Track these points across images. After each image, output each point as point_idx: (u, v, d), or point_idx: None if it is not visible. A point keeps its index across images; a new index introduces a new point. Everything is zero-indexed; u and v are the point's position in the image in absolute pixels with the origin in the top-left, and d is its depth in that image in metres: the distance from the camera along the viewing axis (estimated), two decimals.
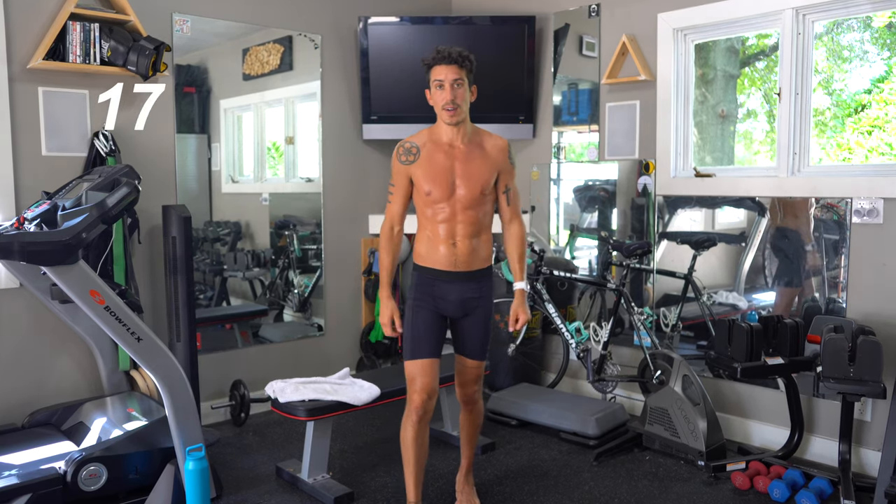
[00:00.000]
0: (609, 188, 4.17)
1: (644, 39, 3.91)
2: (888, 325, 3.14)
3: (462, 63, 2.54)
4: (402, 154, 2.63)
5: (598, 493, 3.07)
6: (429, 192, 2.58)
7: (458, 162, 2.60)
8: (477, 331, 2.72)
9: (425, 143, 2.63)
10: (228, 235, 4.05)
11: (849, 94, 3.46)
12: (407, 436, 2.65)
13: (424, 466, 2.73)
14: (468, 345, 2.73)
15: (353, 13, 4.39)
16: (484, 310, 2.71)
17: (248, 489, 3.12)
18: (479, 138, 2.67)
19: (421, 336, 2.64)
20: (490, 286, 2.73)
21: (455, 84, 2.53)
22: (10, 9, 3.17)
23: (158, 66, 3.41)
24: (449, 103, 2.53)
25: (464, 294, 2.65)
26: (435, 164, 2.59)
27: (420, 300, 2.66)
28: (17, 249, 2.29)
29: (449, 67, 2.53)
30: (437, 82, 2.55)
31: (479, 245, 2.65)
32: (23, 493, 2.55)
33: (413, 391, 2.63)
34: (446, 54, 2.54)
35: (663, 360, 3.56)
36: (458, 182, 2.59)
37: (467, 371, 2.77)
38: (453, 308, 2.66)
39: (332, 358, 4.39)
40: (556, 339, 4.41)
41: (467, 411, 2.86)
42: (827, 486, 2.96)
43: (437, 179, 2.58)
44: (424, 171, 2.59)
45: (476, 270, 2.66)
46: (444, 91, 2.54)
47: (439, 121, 2.62)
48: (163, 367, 2.63)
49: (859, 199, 3.19)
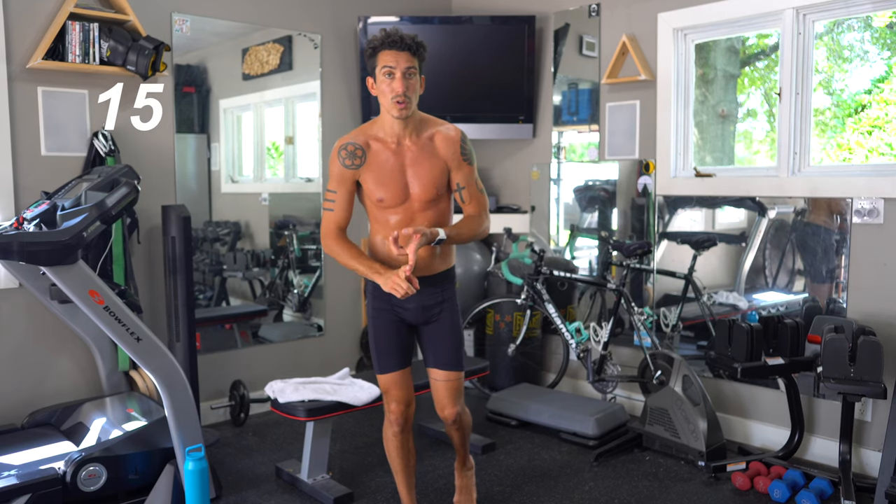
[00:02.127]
0: (609, 188, 4.17)
1: (644, 39, 3.91)
2: (889, 326, 3.14)
3: (416, 50, 2.28)
4: (345, 157, 2.35)
5: (598, 493, 3.07)
6: (381, 198, 2.36)
7: (408, 161, 2.36)
8: (443, 339, 2.49)
9: (369, 143, 2.37)
10: (228, 235, 4.05)
11: (849, 94, 3.45)
12: (391, 446, 2.58)
13: (414, 471, 2.68)
14: (437, 354, 2.51)
15: (352, 13, 4.38)
16: (449, 315, 2.49)
17: (248, 489, 3.12)
18: (429, 131, 2.40)
19: (385, 348, 2.48)
20: (453, 289, 2.52)
21: (407, 73, 2.27)
22: (9, 8, 3.17)
23: (158, 66, 3.41)
24: (400, 95, 2.25)
25: (424, 301, 2.44)
26: (384, 167, 2.34)
27: (379, 309, 2.48)
28: (16, 249, 2.28)
29: (400, 54, 2.25)
30: (386, 69, 2.26)
31: (438, 248, 2.40)
32: (22, 494, 2.54)
33: (389, 402, 2.52)
34: (397, 38, 2.25)
35: (663, 361, 3.56)
36: (410, 182, 2.36)
37: (439, 386, 2.52)
38: (413, 315, 2.47)
39: (331, 358, 4.39)
40: (556, 339, 4.41)
41: (452, 430, 2.66)
42: (827, 486, 2.95)
43: (389, 184, 2.34)
44: (374, 177, 2.34)
45: (437, 274, 2.45)
46: (394, 80, 2.25)
47: (383, 114, 2.35)
48: (162, 368, 2.63)
49: (859, 200, 3.19)
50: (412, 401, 2.54)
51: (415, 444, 2.67)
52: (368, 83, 2.35)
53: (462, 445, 2.74)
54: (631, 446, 3.53)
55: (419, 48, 2.30)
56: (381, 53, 2.28)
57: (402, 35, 2.27)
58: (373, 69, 2.32)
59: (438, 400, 2.56)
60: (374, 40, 2.30)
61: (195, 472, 2.57)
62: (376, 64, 2.29)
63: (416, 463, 2.74)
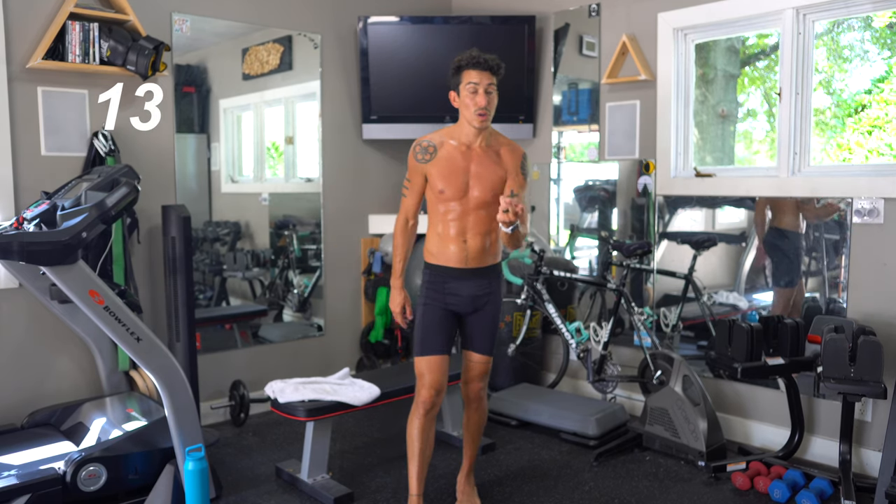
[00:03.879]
0: (609, 188, 4.17)
1: (644, 39, 3.91)
2: (889, 326, 3.14)
3: (496, 71, 2.58)
4: (418, 152, 2.65)
5: (599, 493, 3.07)
6: (442, 190, 2.61)
7: (473, 164, 2.63)
8: (485, 326, 2.75)
9: (443, 143, 2.65)
10: (228, 235, 4.05)
11: (849, 93, 3.45)
12: (413, 429, 2.70)
13: (429, 461, 2.76)
14: (476, 339, 2.76)
15: (352, 13, 4.38)
16: (493, 305, 2.74)
17: (248, 489, 3.12)
18: (497, 143, 2.70)
19: (431, 333, 2.67)
20: (499, 283, 2.77)
21: (489, 90, 2.56)
22: (9, 8, 3.17)
23: (158, 66, 3.41)
24: (482, 109, 2.55)
25: (474, 290, 2.69)
26: (451, 163, 2.62)
27: (431, 298, 2.69)
28: (16, 249, 2.28)
29: (483, 73, 2.55)
30: (471, 85, 2.56)
31: (489, 242, 2.68)
32: (22, 494, 2.54)
33: (422, 386, 2.67)
34: (483, 60, 2.55)
35: (663, 361, 3.56)
36: (471, 183, 2.62)
37: (473, 366, 2.79)
38: (464, 304, 2.69)
39: (331, 358, 4.39)
40: (556, 339, 4.41)
41: (472, 409, 2.87)
42: (827, 486, 2.95)
43: (451, 178, 2.60)
44: (439, 170, 2.61)
45: (486, 267, 2.70)
46: (478, 96, 2.55)
47: (462, 122, 2.63)
48: (162, 368, 2.63)
49: (860, 200, 3.19)
50: (443, 389, 2.70)
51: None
52: (451, 96, 2.64)
53: (474, 440, 2.90)
54: (631, 446, 3.52)
55: (498, 69, 2.59)
56: (465, 71, 2.58)
57: (488, 58, 2.56)
58: (457, 85, 2.61)
59: (470, 377, 2.81)
60: (459, 60, 2.59)
61: (195, 472, 2.58)
62: (461, 80, 2.59)
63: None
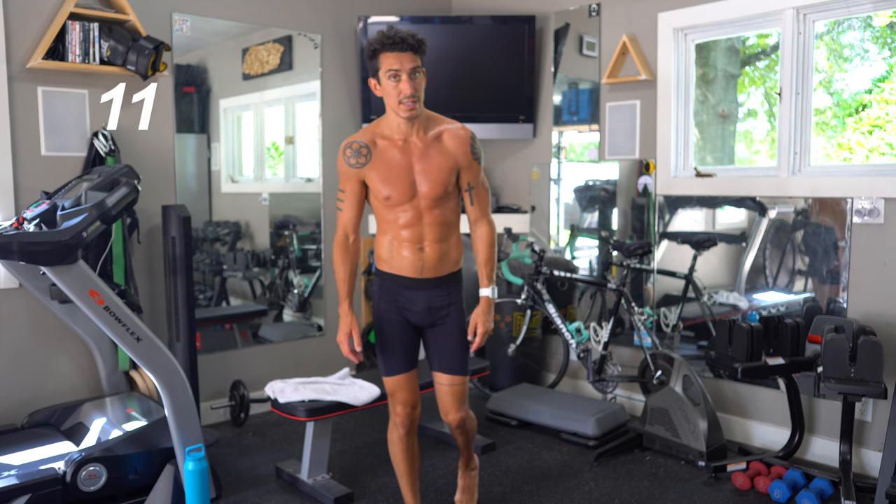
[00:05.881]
0: (609, 188, 4.17)
1: (644, 39, 3.91)
2: (889, 326, 3.13)
3: (418, 48, 2.23)
4: (350, 156, 2.33)
5: (599, 493, 3.07)
6: (388, 196, 2.32)
7: (415, 158, 2.32)
8: (449, 341, 2.47)
9: (375, 141, 2.34)
10: (228, 235, 4.05)
11: (849, 93, 3.45)
12: (396, 450, 2.57)
13: (419, 472, 2.67)
14: (442, 357, 2.48)
15: (352, 13, 4.38)
16: (455, 318, 2.47)
17: (248, 489, 3.11)
18: (437, 128, 2.37)
19: (392, 351, 2.47)
20: (460, 292, 2.50)
21: (413, 73, 2.22)
22: (9, 8, 3.17)
23: (158, 66, 3.41)
24: (408, 97, 2.22)
25: (431, 302, 2.43)
26: (390, 164, 2.31)
27: (385, 310, 2.47)
28: (16, 249, 2.28)
29: (403, 55, 2.20)
30: (390, 72, 2.22)
31: (448, 248, 2.42)
32: (22, 494, 2.54)
33: (395, 403, 2.50)
34: (399, 39, 2.19)
35: (664, 361, 3.56)
36: (418, 180, 2.32)
37: (443, 392, 2.50)
38: (420, 317, 2.45)
39: (331, 358, 4.39)
40: (557, 339, 4.41)
41: (456, 434, 2.63)
42: (828, 486, 2.95)
43: (396, 181, 2.31)
44: (380, 174, 2.31)
45: (444, 276, 2.44)
46: (401, 82, 2.21)
47: (390, 114, 2.32)
48: (162, 368, 2.63)
49: (860, 199, 3.19)
50: (418, 403, 2.53)
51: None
52: (371, 84, 2.32)
53: (466, 447, 2.72)
54: (631, 446, 3.52)
55: (420, 45, 2.25)
56: (382, 55, 2.24)
57: (403, 35, 2.21)
58: (375, 71, 2.28)
59: (443, 405, 2.53)
60: (373, 42, 2.25)
61: (195, 472, 2.57)
62: (379, 66, 2.25)
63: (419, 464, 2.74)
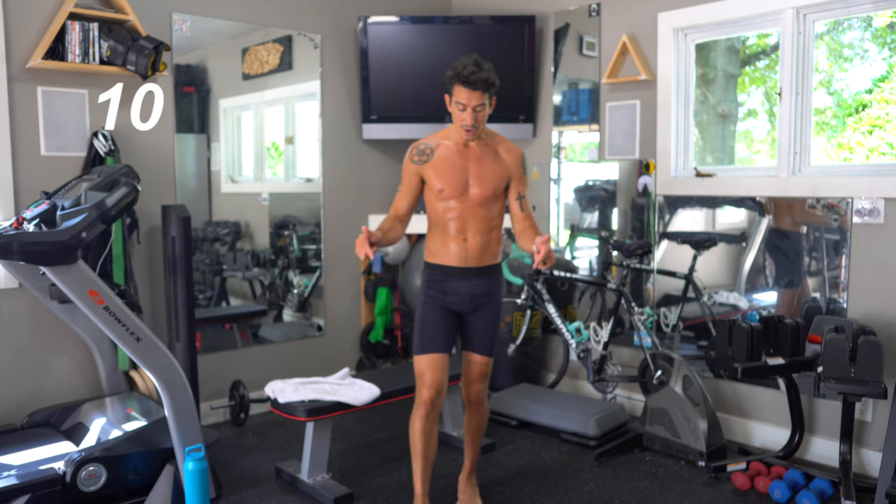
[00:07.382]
0: (609, 188, 4.17)
1: (644, 39, 3.91)
2: (889, 326, 3.13)
3: (486, 90, 2.53)
4: (414, 155, 2.66)
5: (599, 493, 3.07)
6: (441, 189, 2.61)
7: (471, 162, 2.63)
8: (485, 326, 2.74)
9: (439, 144, 2.66)
10: (228, 235, 4.05)
11: (850, 93, 3.45)
12: (415, 429, 2.69)
13: (433, 460, 2.75)
14: (476, 340, 2.75)
15: (352, 13, 4.38)
16: (493, 305, 2.73)
17: (248, 489, 3.11)
18: (494, 143, 2.69)
19: (431, 331, 2.66)
20: (499, 282, 2.76)
21: (476, 109, 2.54)
22: (8, 8, 3.17)
23: (158, 66, 3.41)
24: (468, 127, 2.55)
25: (474, 290, 2.68)
26: (448, 162, 2.62)
27: (430, 297, 2.69)
28: (16, 249, 2.28)
29: (472, 93, 2.51)
30: (458, 105, 2.54)
31: (490, 241, 2.68)
32: (22, 494, 2.54)
33: (422, 385, 2.65)
34: (472, 81, 2.49)
35: (664, 361, 3.56)
36: (471, 181, 2.62)
37: (473, 367, 2.78)
38: (463, 304, 2.68)
39: (331, 358, 4.39)
40: (557, 339, 4.41)
41: (472, 411, 2.85)
42: (828, 486, 2.95)
43: (450, 177, 2.60)
44: (437, 170, 2.61)
45: (486, 266, 2.69)
46: (465, 113, 2.54)
47: (456, 125, 2.63)
48: (162, 368, 2.62)
49: (860, 199, 3.19)
50: (444, 389, 2.67)
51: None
52: (446, 99, 2.62)
53: (474, 441, 2.89)
54: (631, 446, 3.52)
55: (490, 88, 2.53)
56: (456, 86, 2.53)
57: (477, 78, 2.48)
58: (448, 91, 2.59)
59: (470, 379, 2.79)
60: (453, 73, 2.52)
61: (195, 472, 2.57)
62: (451, 92, 2.57)
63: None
